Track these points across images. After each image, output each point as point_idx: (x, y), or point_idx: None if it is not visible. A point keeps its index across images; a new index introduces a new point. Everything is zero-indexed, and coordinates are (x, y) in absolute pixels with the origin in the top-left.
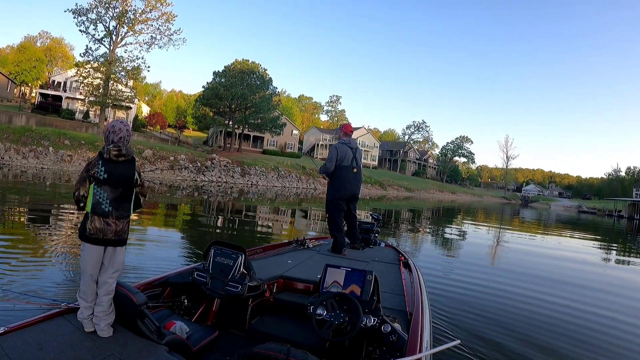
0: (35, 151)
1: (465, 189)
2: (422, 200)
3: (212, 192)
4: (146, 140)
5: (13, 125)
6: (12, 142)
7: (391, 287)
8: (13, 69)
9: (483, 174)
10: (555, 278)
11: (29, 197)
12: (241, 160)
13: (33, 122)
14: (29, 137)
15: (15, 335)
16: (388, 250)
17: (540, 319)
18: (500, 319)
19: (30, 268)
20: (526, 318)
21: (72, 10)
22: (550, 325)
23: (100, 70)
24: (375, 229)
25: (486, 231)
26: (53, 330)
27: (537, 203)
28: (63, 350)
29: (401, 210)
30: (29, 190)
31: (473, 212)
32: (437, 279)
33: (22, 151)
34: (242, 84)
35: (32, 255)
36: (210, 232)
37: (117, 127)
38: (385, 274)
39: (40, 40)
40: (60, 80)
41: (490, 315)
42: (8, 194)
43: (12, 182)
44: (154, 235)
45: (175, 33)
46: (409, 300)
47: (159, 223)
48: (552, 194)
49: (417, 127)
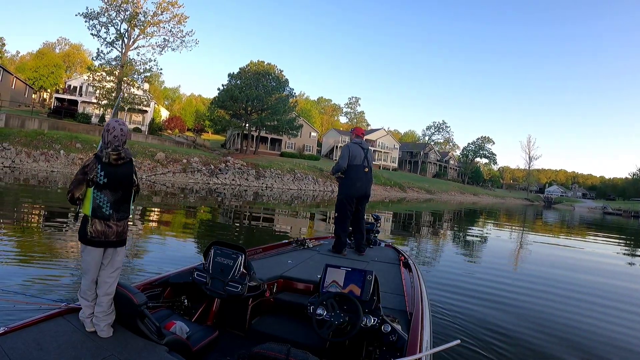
0: (47, 154)
1: (487, 191)
2: (443, 203)
3: (225, 195)
4: (160, 143)
5: (25, 129)
6: (23, 145)
7: (391, 287)
8: (31, 74)
9: (505, 175)
10: (560, 279)
11: (33, 199)
12: (256, 163)
13: (46, 126)
14: (40, 141)
15: (15, 335)
16: (388, 250)
17: (541, 319)
18: (501, 319)
19: (30, 268)
20: (527, 318)
21: (84, 14)
22: (551, 325)
23: (113, 74)
24: (375, 229)
25: (504, 233)
26: (53, 330)
27: (561, 204)
28: (63, 351)
29: (421, 213)
30: (34, 193)
31: (494, 215)
32: (438, 278)
33: (33, 155)
34: (257, 85)
35: (32, 255)
36: (218, 235)
37: (112, 125)
38: (385, 274)
39: (58, 47)
40: (76, 84)
41: (490, 315)
42: (13, 197)
43: (20, 185)
44: (154, 235)
45: (187, 35)
46: (409, 300)
47: (160, 223)
48: (576, 195)
49: (437, 127)
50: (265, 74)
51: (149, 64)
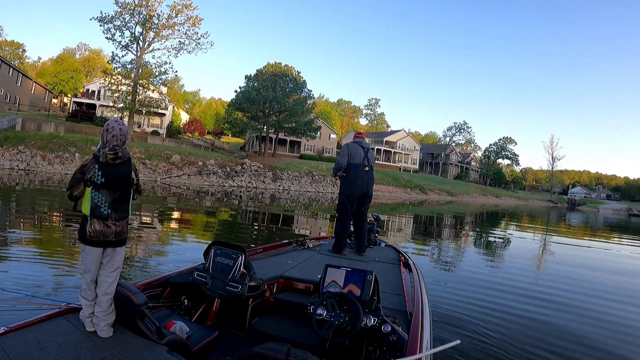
0: (61, 157)
1: (510, 193)
2: (465, 205)
3: (241, 198)
4: (177, 146)
5: (41, 133)
6: (38, 148)
7: (391, 287)
8: (51, 79)
9: (527, 177)
10: (566, 281)
11: (39, 200)
12: (273, 165)
13: (62, 130)
14: (55, 144)
15: (15, 335)
16: (388, 250)
17: (542, 320)
18: (501, 319)
19: (30, 268)
20: (527, 318)
21: (98, 18)
22: (551, 326)
23: (128, 77)
24: (376, 229)
25: (524, 236)
26: (53, 330)
27: (585, 206)
28: (63, 350)
29: (442, 216)
30: (41, 194)
31: (517, 217)
32: (438, 279)
33: (48, 157)
34: (274, 87)
35: (32, 255)
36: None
37: (111, 125)
38: (385, 274)
39: (78, 52)
40: (94, 88)
41: (491, 315)
42: (19, 198)
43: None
44: (154, 235)
45: (202, 37)
46: (409, 300)
47: (162, 224)
48: (600, 196)
49: (458, 128)
50: (283, 75)
51: (164, 66)
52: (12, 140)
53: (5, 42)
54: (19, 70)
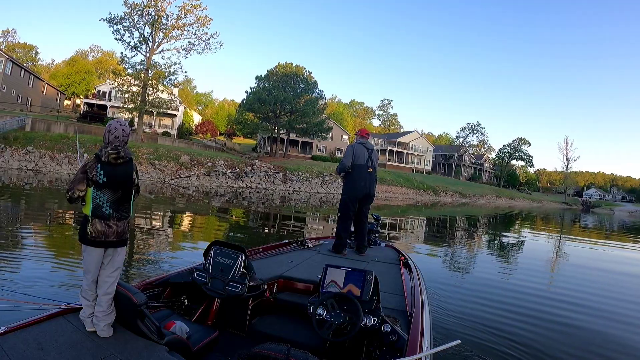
0: (70, 157)
1: (524, 194)
2: (478, 207)
3: (250, 199)
4: (187, 146)
5: (51, 133)
6: (47, 149)
7: (391, 287)
8: (63, 81)
9: (542, 178)
10: (566, 280)
11: (41, 200)
12: (283, 166)
13: (71, 130)
14: (64, 145)
15: (15, 335)
16: (388, 250)
17: (542, 320)
18: (501, 319)
19: (30, 268)
20: (527, 318)
21: (107, 19)
22: (551, 326)
23: (138, 77)
24: (376, 229)
25: (537, 238)
26: (53, 330)
27: (600, 208)
28: (63, 350)
29: (455, 218)
30: (45, 194)
31: (531, 219)
32: (442, 279)
33: (57, 158)
34: (285, 87)
35: (33, 255)
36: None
37: (113, 126)
38: (385, 274)
39: (91, 54)
40: (105, 90)
41: (491, 315)
42: (22, 198)
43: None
44: (154, 235)
45: (212, 37)
46: (409, 300)
47: (163, 224)
48: (614, 198)
49: (471, 129)
50: (294, 75)
51: (174, 67)
52: (21, 140)
53: (18, 44)
54: (31, 71)
